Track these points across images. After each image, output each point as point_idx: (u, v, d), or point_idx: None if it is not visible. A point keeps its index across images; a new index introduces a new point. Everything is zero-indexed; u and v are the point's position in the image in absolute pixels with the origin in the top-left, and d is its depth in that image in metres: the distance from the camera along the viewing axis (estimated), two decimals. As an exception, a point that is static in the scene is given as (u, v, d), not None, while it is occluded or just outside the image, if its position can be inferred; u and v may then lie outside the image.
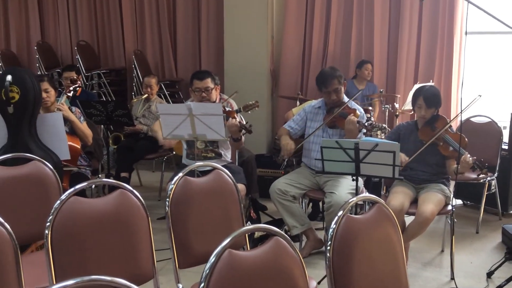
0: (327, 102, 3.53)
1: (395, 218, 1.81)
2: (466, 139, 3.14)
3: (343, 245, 1.61)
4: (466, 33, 2.63)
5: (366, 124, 3.27)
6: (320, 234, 3.64)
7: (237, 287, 1.35)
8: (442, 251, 3.63)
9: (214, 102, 3.70)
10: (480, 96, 3.27)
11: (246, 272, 1.37)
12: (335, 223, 1.62)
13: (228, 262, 1.34)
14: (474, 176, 3.90)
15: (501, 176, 4.14)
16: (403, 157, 3.15)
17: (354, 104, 3.57)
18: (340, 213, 1.64)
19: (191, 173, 2.42)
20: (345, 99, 3.54)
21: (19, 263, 1.75)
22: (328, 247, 1.59)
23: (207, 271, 1.32)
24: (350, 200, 1.72)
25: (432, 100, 3.22)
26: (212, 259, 1.33)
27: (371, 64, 5.33)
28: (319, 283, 2.93)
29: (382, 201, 1.80)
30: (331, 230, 1.61)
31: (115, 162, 4.75)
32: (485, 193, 4.04)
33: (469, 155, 3.00)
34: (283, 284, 1.44)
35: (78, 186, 1.92)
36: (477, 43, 5.34)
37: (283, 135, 3.64)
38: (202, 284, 1.30)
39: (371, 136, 3.96)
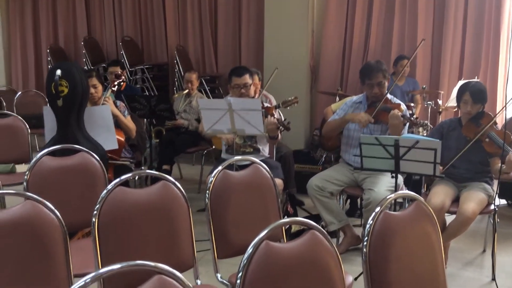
0: (369, 95, 3.50)
1: (435, 216, 1.80)
2: (511, 136, 3.06)
3: (380, 242, 1.62)
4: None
5: (411, 118, 3.22)
6: (358, 231, 3.62)
7: (273, 277, 1.38)
8: (484, 251, 3.55)
9: (253, 97, 3.74)
10: (505, 108, 3.15)
11: (282, 263, 1.40)
12: (372, 219, 1.63)
13: (265, 253, 1.38)
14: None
15: (549, 176, 4.00)
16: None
17: (396, 99, 3.53)
18: (378, 209, 1.64)
19: (230, 167, 2.47)
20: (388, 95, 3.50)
21: (67, 249, 1.85)
22: (365, 243, 1.60)
23: (245, 261, 1.36)
24: (388, 197, 1.72)
25: (479, 95, 3.15)
26: (249, 249, 1.37)
27: (407, 59, 5.16)
28: (355, 279, 2.93)
29: (421, 198, 1.80)
30: (368, 226, 1.62)
31: (157, 155, 4.88)
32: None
33: None
34: (319, 277, 1.46)
35: (123, 177, 2.01)
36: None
37: (339, 120, 3.58)
38: (240, 273, 1.34)
39: (412, 132, 3.90)
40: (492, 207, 3.10)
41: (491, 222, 3.21)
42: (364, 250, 1.60)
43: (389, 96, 3.48)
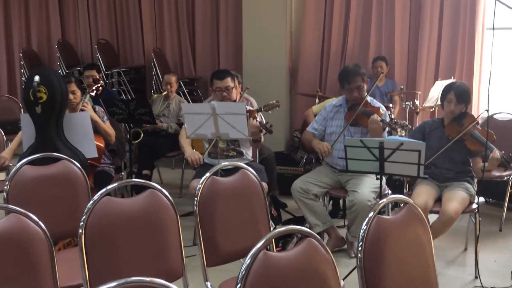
0: (349, 99, 3.53)
1: (425, 218, 1.81)
2: (494, 135, 3.12)
3: (374, 246, 1.62)
4: (493, 29, 2.58)
5: (390, 123, 3.25)
6: (341, 232, 3.64)
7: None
8: (465, 249, 3.62)
9: (235, 101, 3.72)
10: (487, 110, 3.17)
11: (281, 273, 1.38)
12: (366, 224, 1.63)
13: (263, 263, 1.36)
14: (498, 173, 3.87)
15: (525, 173, 4.10)
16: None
17: (376, 102, 3.56)
18: (371, 214, 1.64)
19: (215, 172, 2.44)
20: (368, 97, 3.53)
21: (54, 261, 1.80)
22: (360, 248, 1.60)
23: (243, 272, 1.34)
24: (380, 202, 1.72)
25: (463, 96, 3.20)
26: (247, 260, 1.35)
27: (385, 62, 5.21)
28: (342, 279, 2.94)
29: (411, 201, 1.81)
30: (362, 231, 1.62)
31: (137, 159, 4.80)
32: (509, 191, 4.00)
33: (497, 151, 2.98)
34: (317, 285, 1.45)
35: (109, 187, 1.96)
36: (500, 39, 5.26)
37: (311, 139, 3.63)
38: (239, 285, 1.32)
39: (391, 133, 3.94)
40: (474, 206, 3.16)
41: (472, 220, 3.27)
42: (359, 255, 1.60)
43: (368, 98, 3.51)
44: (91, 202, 1.87)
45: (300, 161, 4.85)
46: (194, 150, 3.68)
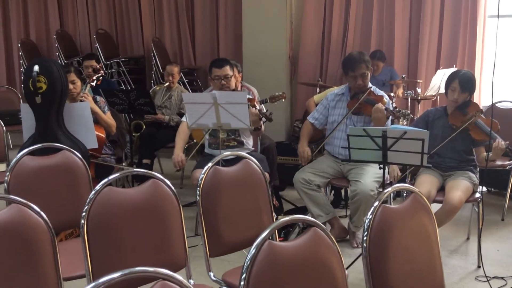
0: (352, 87, 3.49)
1: (430, 208, 1.80)
2: (498, 124, 3.09)
3: (379, 236, 1.61)
4: (498, 16, 2.55)
5: (394, 111, 3.23)
6: (343, 222, 3.63)
7: (277, 278, 1.35)
8: (468, 238, 3.61)
9: (234, 89, 3.69)
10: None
11: (286, 263, 1.37)
12: (372, 214, 1.61)
13: (268, 253, 1.34)
14: (500, 162, 3.85)
15: (527, 162, 4.08)
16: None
17: (379, 91, 3.53)
18: (376, 203, 1.63)
19: (216, 162, 2.41)
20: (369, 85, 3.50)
21: (56, 252, 1.78)
22: (365, 238, 1.59)
23: (248, 262, 1.32)
24: (385, 191, 1.70)
25: (467, 84, 3.17)
26: (252, 250, 1.34)
27: (382, 60, 5.12)
28: (345, 269, 2.93)
29: (417, 190, 1.79)
30: (367, 220, 1.61)
31: (137, 149, 4.78)
32: (512, 180, 3.98)
33: (501, 140, 2.96)
34: (322, 275, 1.44)
35: (111, 177, 1.94)
36: (502, 27, 5.21)
37: (302, 137, 3.62)
38: (244, 275, 1.30)
39: (393, 122, 3.92)
40: (477, 195, 3.14)
41: (475, 210, 3.26)
42: (365, 244, 1.58)
43: (372, 87, 3.47)
44: (93, 192, 1.85)
45: (301, 151, 4.82)
46: (180, 154, 3.55)
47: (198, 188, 2.15)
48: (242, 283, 1.30)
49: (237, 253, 2.27)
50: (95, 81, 3.95)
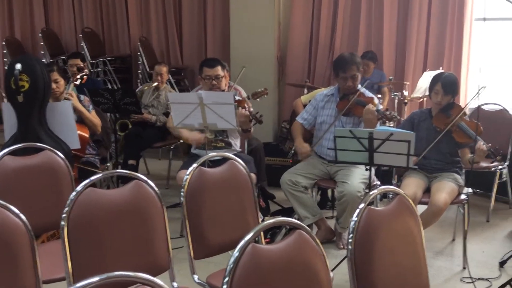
0: (342, 88, 3.49)
1: (416, 209, 1.79)
2: (481, 127, 3.10)
3: (364, 238, 1.59)
4: (484, 19, 2.55)
5: (385, 113, 3.23)
6: (330, 223, 3.62)
7: (261, 281, 1.33)
8: (453, 240, 3.62)
9: (224, 90, 3.66)
10: (485, 87, 3.20)
11: (270, 265, 1.35)
12: (357, 216, 1.59)
13: (252, 256, 1.32)
14: (485, 164, 3.88)
15: (513, 164, 4.11)
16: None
17: (368, 92, 3.53)
18: (362, 205, 1.61)
19: (202, 163, 2.39)
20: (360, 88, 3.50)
21: (35, 255, 1.74)
22: (350, 240, 1.57)
23: (231, 266, 1.30)
24: (371, 193, 1.69)
25: (450, 87, 3.18)
26: (236, 253, 1.31)
27: (373, 61, 5.13)
28: (331, 271, 2.92)
29: (403, 192, 1.78)
30: (352, 222, 1.59)
31: (122, 149, 4.73)
32: (497, 182, 4.00)
33: (483, 143, 2.97)
34: (307, 277, 1.42)
35: (93, 177, 1.90)
36: (489, 30, 5.26)
37: (296, 136, 3.60)
38: (227, 278, 1.28)
39: (381, 124, 3.93)
40: (463, 196, 3.15)
41: (461, 211, 3.27)
42: (350, 246, 1.56)
43: (361, 89, 3.47)
44: (74, 193, 1.81)
45: (288, 152, 4.81)
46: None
47: (183, 189, 2.12)
48: (224, 286, 1.28)
49: (223, 255, 2.24)
50: (79, 80, 3.89)
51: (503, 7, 4.52)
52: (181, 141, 4.75)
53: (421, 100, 4.94)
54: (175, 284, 2.04)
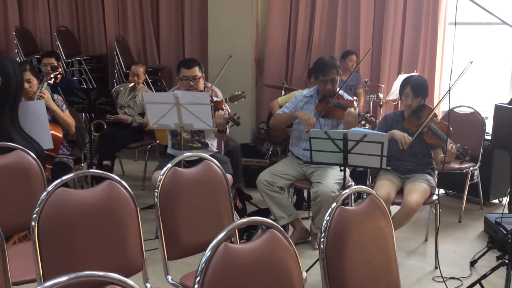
0: (321, 91, 3.51)
1: (387, 209, 1.82)
2: (450, 128, 3.17)
3: (336, 237, 1.60)
4: (455, 24, 2.61)
5: (365, 116, 3.27)
6: (306, 224, 3.65)
7: (233, 280, 1.33)
8: (426, 240, 3.68)
9: (201, 91, 3.65)
10: (472, 62, 3.25)
11: (242, 265, 1.35)
12: (329, 215, 1.61)
13: (224, 255, 1.32)
14: (457, 166, 3.96)
15: (484, 166, 4.20)
16: (407, 137, 3.15)
17: (347, 95, 3.57)
18: (334, 205, 1.63)
19: (177, 163, 2.39)
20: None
21: (5, 256, 1.70)
22: (322, 239, 1.58)
23: (203, 265, 1.30)
24: (343, 192, 1.71)
25: (420, 89, 3.24)
26: (207, 252, 1.31)
27: (356, 55, 5.27)
28: (306, 271, 2.94)
29: (374, 192, 1.80)
30: (324, 222, 1.60)
31: (97, 149, 4.67)
32: (468, 183, 4.09)
33: (452, 143, 3.03)
34: (279, 277, 1.43)
35: (65, 177, 1.87)
36: (461, 34, 5.37)
37: (288, 114, 3.57)
38: (198, 278, 1.28)
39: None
40: (435, 197, 3.21)
41: (433, 212, 3.33)
42: (321, 246, 1.58)
43: (340, 91, 3.51)
44: (45, 193, 1.78)
45: (266, 153, 4.83)
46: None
47: (157, 190, 2.11)
48: (196, 286, 1.28)
49: (197, 256, 2.22)
50: (53, 79, 3.83)
51: (473, 12, 4.62)
52: (158, 141, 4.72)
53: (396, 102, 5.02)
54: (148, 285, 2.02)
